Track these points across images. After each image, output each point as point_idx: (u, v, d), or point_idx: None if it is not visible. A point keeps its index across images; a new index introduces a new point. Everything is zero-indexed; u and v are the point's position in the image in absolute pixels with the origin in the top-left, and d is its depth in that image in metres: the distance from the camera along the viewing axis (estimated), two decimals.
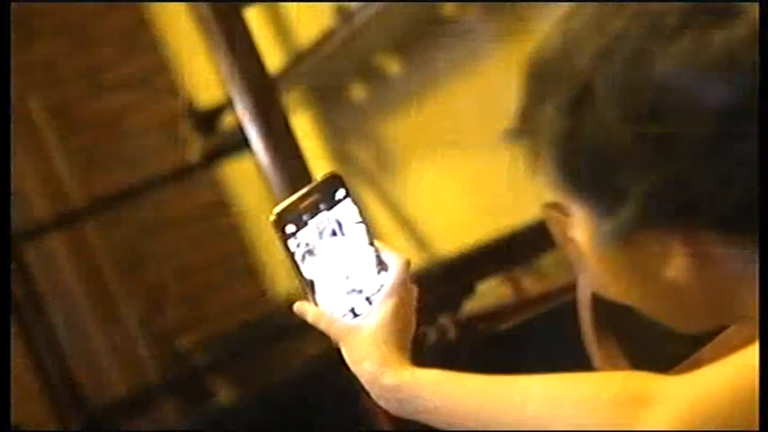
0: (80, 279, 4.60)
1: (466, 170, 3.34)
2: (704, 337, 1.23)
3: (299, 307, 1.17)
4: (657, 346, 1.27)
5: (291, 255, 1.14)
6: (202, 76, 4.27)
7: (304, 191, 1.14)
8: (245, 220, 4.88)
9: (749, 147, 0.76)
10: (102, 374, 4.48)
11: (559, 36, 0.82)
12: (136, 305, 4.75)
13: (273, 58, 3.37)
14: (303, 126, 3.95)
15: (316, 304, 1.16)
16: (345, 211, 1.16)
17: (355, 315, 1.16)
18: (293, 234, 1.13)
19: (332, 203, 1.15)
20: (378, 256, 1.17)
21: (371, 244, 1.17)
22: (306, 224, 1.14)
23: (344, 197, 1.16)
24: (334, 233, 1.16)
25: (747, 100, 0.76)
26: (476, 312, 2.35)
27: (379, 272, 1.17)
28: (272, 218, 1.13)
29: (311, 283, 1.15)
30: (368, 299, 1.17)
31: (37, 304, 3.58)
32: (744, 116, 0.76)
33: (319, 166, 3.48)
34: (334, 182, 1.16)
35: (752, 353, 0.95)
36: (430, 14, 3.03)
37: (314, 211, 1.14)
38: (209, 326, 4.69)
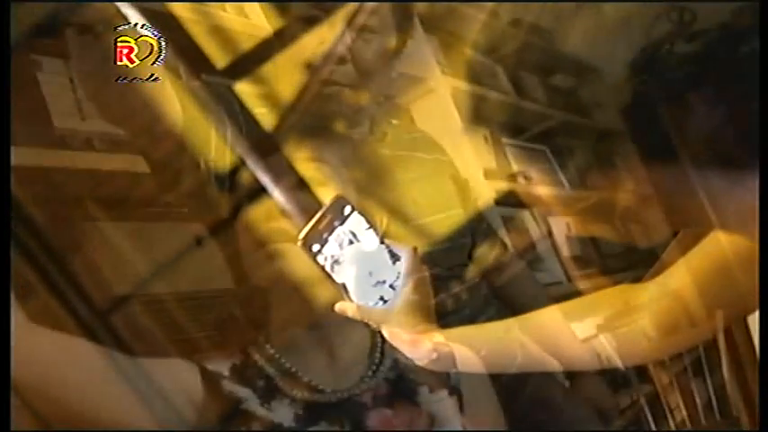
0: (164, 330, 4.60)
1: (441, 164, 3.32)
2: (664, 244, 1.23)
3: (339, 306, 1.17)
4: (628, 262, 1.27)
5: (322, 267, 1.14)
6: (214, 147, 4.26)
7: (318, 215, 1.15)
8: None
9: (655, 89, 0.77)
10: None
11: (485, 39, 0.82)
12: (210, 337, 4.74)
13: (266, 118, 3.36)
14: (303, 165, 3.94)
15: (352, 301, 1.16)
16: (355, 222, 1.16)
17: (385, 301, 1.16)
18: (319, 251, 1.13)
19: (343, 219, 1.15)
20: (390, 251, 1.17)
21: (382, 242, 1.17)
22: (327, 241, 1.14)
23: (352, 212, 1.16)
24: (351, 242, 1.16)
25: (646, 52, 0.76)
26: (478, 274, 2.35)
27: (394, 263, 1.17)
28: (299, 243, 1.13)
29: (344, 286, 1.15)
30: (391, 286, 1.16)
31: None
32: (646, 64, 0.76)
33: (324, 192, 3.47)
34: (340, 202, 1.16)
35: (702, 247, 0.95)
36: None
37: (331, 229, 1.14)
38: (274, 339, 4.67)
